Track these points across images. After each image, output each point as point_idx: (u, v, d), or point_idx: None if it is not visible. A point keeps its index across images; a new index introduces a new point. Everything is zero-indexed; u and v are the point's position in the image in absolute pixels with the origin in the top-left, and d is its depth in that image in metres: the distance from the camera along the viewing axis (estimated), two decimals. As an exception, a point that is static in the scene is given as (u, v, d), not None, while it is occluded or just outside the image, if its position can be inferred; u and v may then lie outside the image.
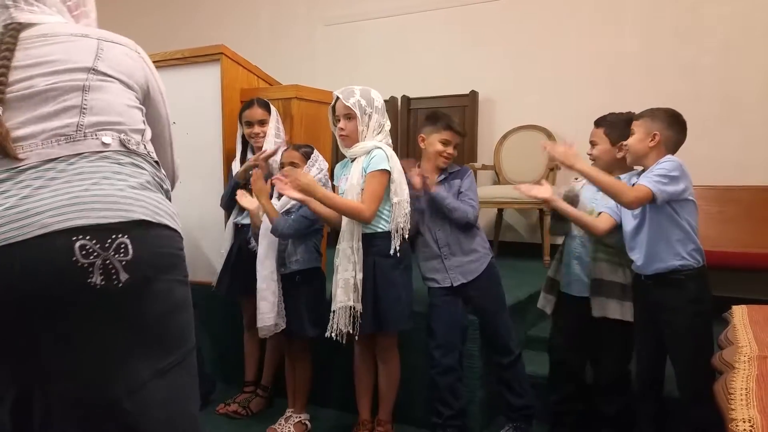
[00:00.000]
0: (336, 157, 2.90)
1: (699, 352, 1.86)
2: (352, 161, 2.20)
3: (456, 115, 4.05)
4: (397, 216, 2.13)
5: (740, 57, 3.54)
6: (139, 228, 1.00)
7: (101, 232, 0.96)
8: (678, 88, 3.51)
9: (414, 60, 4.50)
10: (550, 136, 3.97)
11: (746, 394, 1.24)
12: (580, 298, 2.12)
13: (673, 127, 1.93)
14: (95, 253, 0.95)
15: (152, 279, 1.01)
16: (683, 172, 1.86)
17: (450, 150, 2.27)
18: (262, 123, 2.55)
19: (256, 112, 2.54)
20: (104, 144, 1.05)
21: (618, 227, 2.04)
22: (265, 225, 2.33)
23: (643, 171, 1.97)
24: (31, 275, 0.93)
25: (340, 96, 2.16)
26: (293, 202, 2.26)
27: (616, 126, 2.09)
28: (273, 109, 2.59)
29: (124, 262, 0.97)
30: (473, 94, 4.17)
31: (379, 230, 2.15)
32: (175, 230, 1.09)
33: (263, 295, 2.31)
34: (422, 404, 2.38)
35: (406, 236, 2.15)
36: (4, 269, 0.93)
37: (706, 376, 1.75)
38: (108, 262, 0.95)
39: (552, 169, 3.89)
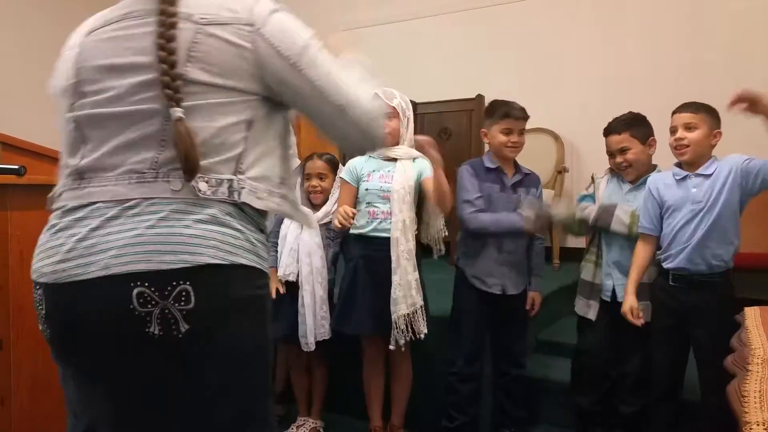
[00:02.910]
0: (343, 162, 2.90)
1: (725, 353, 1.84)
2: (385, 160, 2.20)
3: (463, 119, 4.06)
4: (431, 228, 2.21)
5: (746, 56, 3.51)
6: (205, 272, 0.90)
7: (161, 278, 0.87)
8: (683, 88, 3.46)
9: (420, 64, 4.51)
10: (556, 138, 3.97)
11: (760, 397, 1.22)
12: (615, 303, 2.08)
13: (720, 127, 1.92)
14: (153, 302, 0.87)
15: (218, 327, 0.92)
16: None
17: (515, 138, 2.19)
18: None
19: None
20: (173, 191, 0.91)
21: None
22: (319, 235, 2.30)
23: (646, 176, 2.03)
24: (91, 316, 0.89)
25: (381, 95, 2.15)
26: (330, 216, 2.29)
27: (638, 125, 2.08)
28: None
29: (184, 312, 0.88)
30: (479, 98, 4.16)
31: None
32: (253, 267, 0.97)
33: (326, 308, 2.27)
34: (433, 409, 2.37)
35: (442, 248, 2.22)
36: (67, 306, 0.91)
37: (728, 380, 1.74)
38: (167, 311, 0.88)
39: (560, 172, 3.88)
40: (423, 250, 2.29)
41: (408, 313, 2.11)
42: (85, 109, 0.96)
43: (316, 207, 2.35)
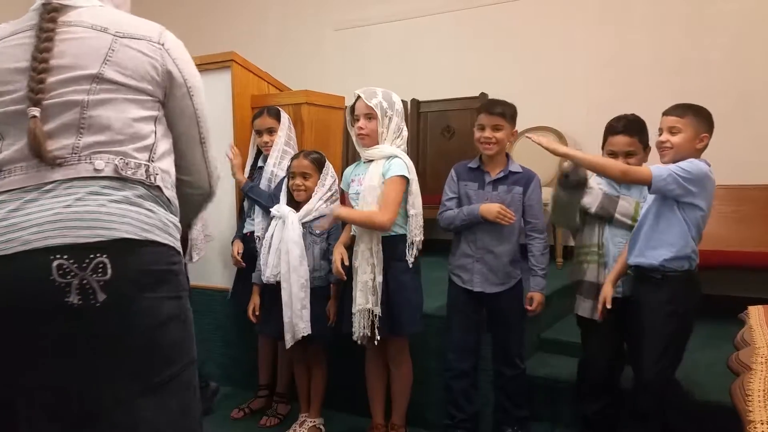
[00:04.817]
0: (346, 162, 2.91)
1: (663, 350, 1.86)
2: (365, 162, 2.20)
3: (466, 118, 4.05)
4: (413, 228, 2.16)
5: (751, 53, 3.50)
6: (120, 246, 0.98)
7: (79, 251, 0.95)
8: (688, 86, 3.48)
9: (423, 63, 4.50)
10: (560, 137, 3.96)
11: (764, 396, 1.22)
12: (620, 298, 2.05)
13: (711, 131, 1.91)
14: (72, 273, 0.94)
15: (134, 298, 1.00)
16: (704, 183, 1.84)
17: (487, 134, 2.16)
18: (271, 132, 2.57)
19: (266, 121, 2.56)
20: (96, 170, 1.02)
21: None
22: (297, 233, 2.30)
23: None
24: (14, 290, 0.95)
25: (362, 95, 2.15)
26: (313, 214, 2.33)
27: (644, 132, 2.08)
28: (285, 116, 2.60)
29: (101, 282, 0.96)
30: (483, 97, 4.15)
31: (392, 234, 2.15)
32: (166, 245, 1.06)
33: (304, 304, 2.26)
34: (435, 407, 2.37)
35: (420, 247, 2.18)
36: None
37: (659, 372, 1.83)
38: (85, 281, 0.95)
39: (563, 170, 3.88)
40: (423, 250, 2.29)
41: (354, 314, 2.12)
42: (1, 107, 1.05)
43: (299, 205, 2.37)
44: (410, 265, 2.16)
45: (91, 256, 0.96)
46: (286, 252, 2.27)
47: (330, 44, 4.93)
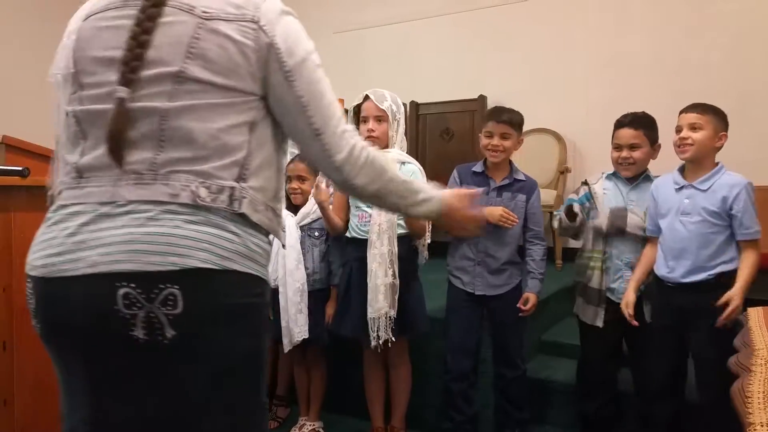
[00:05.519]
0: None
1: (724, 355, 1.84)
2: None
3: (465, 120, 4.06)
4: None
5: (751, 53, 3.51)
6: (195, 277, 0.86)
7: (148, 280, 0.84)
8: (688, 87, 3.47)
9: (422, 65, 4.51)
10: (559, 139, 3.97)
11: (764, 398, 1.22)
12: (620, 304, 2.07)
13: (727, 130, 1.92)
14: (139, 304, 0.84)
15: (206, 336, 0.88)
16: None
17: (494, 141, 2.16)
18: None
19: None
20: (172, 195, 0.88)
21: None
22: (294, 237, 2.30)
23: (644, 175, 2.06)
24: (79, 312, 0.87)
25: (372, 97, 2.15)
26: (312, 216, 2.32)
27: (652, 128, 2.09)
28: None
29: (171, 317, 0.84)
30: (482, 99, 4.16)
31: (399, 233, 2.17)
32: (249, 274, 0.93)
33: (300, 308, 2.25)
34: (434, 409, 2.37)
35: (426, 255, 2.25)
36: (54, 301, 0.89)
37: (728, 380, 1.73)
38: (153, 315, 0.84)
39: (562, 173, 3.88)
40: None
41: (373, 318, 2.11)
42: (84, 103, 0.93)
43: (297, 208, 2.37)
44: (415, 263, 2.22)
45: (161, 286, 0.84)
46: (282, 256, 2.27)
47: (329, 47, 4.93)
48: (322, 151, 0.98)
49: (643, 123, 2.08)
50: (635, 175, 2.12)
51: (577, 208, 2.10)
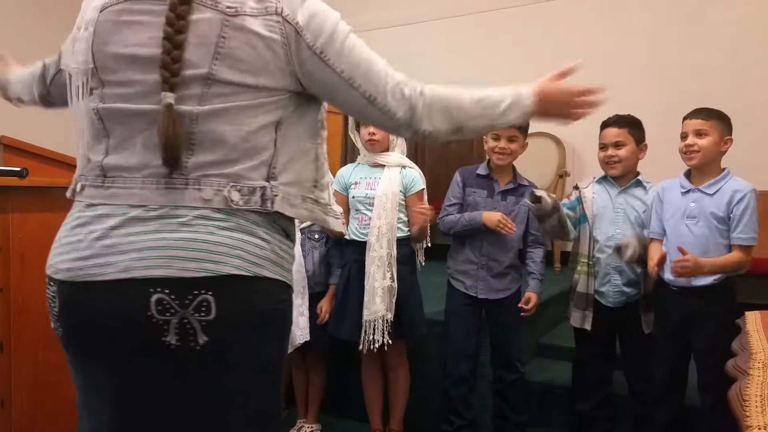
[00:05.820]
0: (344, 163, 2.91)
1: (727, 358, 1.84)
2: (372, 166, 2.22)
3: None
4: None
5: (750, 58, 3.52)
6: (228, 283, 0.86)
7: (182, 286, 0.84)
8: (687, 91, 3.48)
9: (421, 68, 4.47)
10: (558, 143, 3.97)
11: (761, 401, 1.22)
12: (614, 309, 2.09)
13: (732, 134, 1.92)
14: (172, 310, 0.83)
15: (237, 342, 0.88)
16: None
17: (502, 144, 2.16)
18: None
19: None
20: (204, 200, 0.87)
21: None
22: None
23: (635, 179, 2.08)
24: (106, 318, 0.86)
25: None
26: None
27: (637, 127, 2.09)
28: None
29: (204, 323, 0.84)
30: (481, 102, 4.17)
31: (398, 236, 2.18)
32: (277, 280, 0.93)
33: (301, 311, 2.24)
34: (433, 412, 2.36)
35: (422, 259, 2.28)
36: (82, 306, 0.88)
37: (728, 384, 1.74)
38: (186, 321, 0.84)
39: (561, 176, 3.88)
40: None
41: (368, 320, 2.11)
42: (107, 101, 0.91)
43: None
44: (413, 265, 2.24)
45: (195, 292, 0.84)
46: None
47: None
48: (382, 115, 0.97)
49: (627, 121, 2.10)
50: (623, 176, 2.11)
51: (541, 192, 2.03)
